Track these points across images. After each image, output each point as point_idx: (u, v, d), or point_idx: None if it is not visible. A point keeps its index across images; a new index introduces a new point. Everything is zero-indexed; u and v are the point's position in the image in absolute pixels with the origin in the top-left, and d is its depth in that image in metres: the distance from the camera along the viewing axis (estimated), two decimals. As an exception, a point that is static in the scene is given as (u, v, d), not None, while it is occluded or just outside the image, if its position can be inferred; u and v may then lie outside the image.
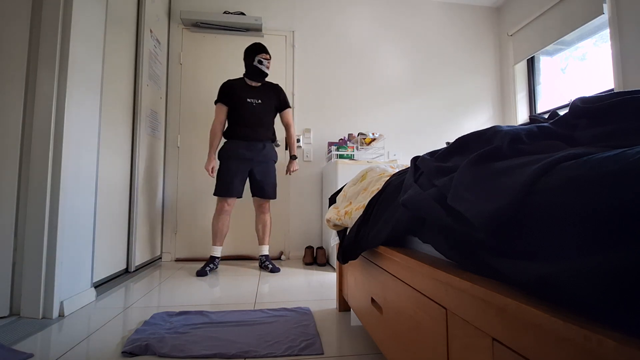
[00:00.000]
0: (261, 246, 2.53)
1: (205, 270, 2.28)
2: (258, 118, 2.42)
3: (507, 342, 0.44)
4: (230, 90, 2.43)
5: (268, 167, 2.46)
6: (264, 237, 2.52)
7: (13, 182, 1.47)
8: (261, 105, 2.44)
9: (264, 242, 2.52)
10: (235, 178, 2.35)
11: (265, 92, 2.48)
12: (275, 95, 2.52)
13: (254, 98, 2.43)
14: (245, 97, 2.41)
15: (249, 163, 2.40)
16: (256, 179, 2.43)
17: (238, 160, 2.37)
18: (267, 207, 2.51)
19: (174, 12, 3.00)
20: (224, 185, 2.35)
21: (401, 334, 0.80)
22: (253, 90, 2.46)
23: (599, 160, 0.36)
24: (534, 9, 3.04)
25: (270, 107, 2.49)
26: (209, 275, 2.29)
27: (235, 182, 2.36)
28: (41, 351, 1.14)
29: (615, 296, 0.30)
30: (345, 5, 3.27)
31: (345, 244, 1.10)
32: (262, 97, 2.46)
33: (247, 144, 2.40)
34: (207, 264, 2.34)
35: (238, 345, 1.16)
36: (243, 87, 2.45)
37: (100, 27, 1.83)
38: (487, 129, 0.67)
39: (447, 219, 0.56)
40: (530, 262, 0.40)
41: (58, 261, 1.47)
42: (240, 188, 2.39)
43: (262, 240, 2.52)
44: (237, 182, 2.37)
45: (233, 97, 2.42)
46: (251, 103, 2.41)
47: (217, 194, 2.36)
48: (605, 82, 2.52)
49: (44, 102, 1.50)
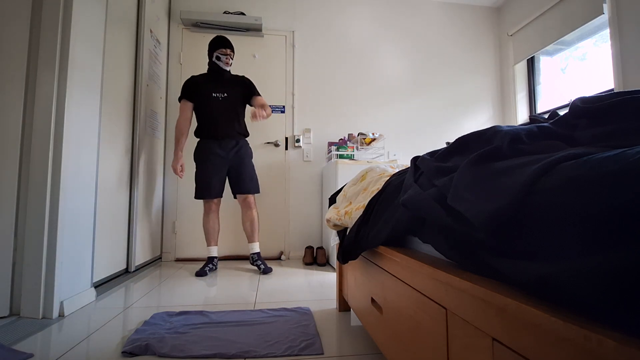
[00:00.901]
0: (251, 244, 2.45)
1: (205, 271, 2.26)
2: (226, 113, 2.36)
3: (507, 342, 0.44)
4: (193, 86, 2.37)
5: (245, 162, 2.40)
6: (253, 234, 2.43)
7: (13, 182, 1.47)
8: (227, 99, 2.36)
9: (253, 239, 2.43)
10: (212, 179, 2.31)
11: (230, 84, 2.41)
12: (240, 87, 2.44)
13: (219, 92, 2.36)
14: (210, 92, 2.34)
15: (225, 161, 2.35)
16: (234, 177, 2.39)
17: (213, 160, 2.32)
18: (252, 201, 2.42)
19: (174, 12, 3.00)
20: (202, 188, 2.32)
21: (401, 334, 0.80)
22: (217, 84, 2.38)
23: (599, 160, 0.36)
24: (534, 9, 3.04)
25: (237, 99, 2.42)
26: (209, 275, 2.29)
27: (214, 183, 2.32)
28: (41, 351, 1.14)
29: (615, 296, 0.30)
30: (345, 5, 3.27)
31: (345, 244, 1.10)
32: (227, 90, 2.38)
33: (219, 142, 2.34)
34: (206, 265, 2.33)
35: (238, 345, 1.16)
36: (207, 82, 2.38)
37: (100, 27, 1.83)
38: (487, 129, 0.67)
39: (447, 219, 0.56)
40: (530, 262, 0.40)
41: (58, 261, 1.47)
42: (219, 188, 2.35)
43: (250, 238, 2.44)
44: (216, 182, 2.32)
45: (197, 93, 2.36)
46: (217, 98, 2.35)
47: (198, 197, 2.34)
48: (605, 82, 2.52)
49: (44, 102, 1.50)
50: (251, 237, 2.44)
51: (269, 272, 2.32)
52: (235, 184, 2.39)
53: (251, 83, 2.50)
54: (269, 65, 3.08)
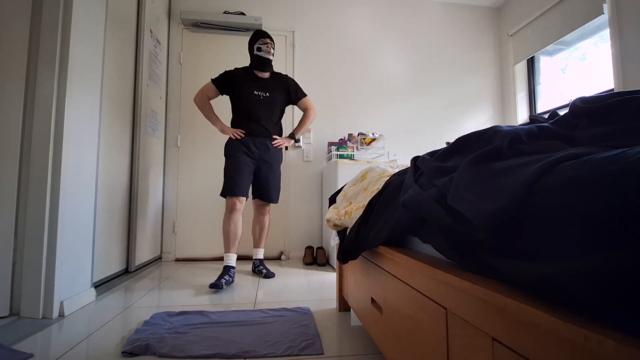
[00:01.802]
0: (256, 249, 2.37)
1: (221, 282, 1.91)
2: (266, 113, 2.24)
3: (507, 342, 0.44)
4: (233, 79, 2.26)
5: (274, 169, 2.29)
6: (260, 240, 2.37)
7: (13, 182, 1.47)
8: (269, 99, 2.26)
9: (259, 245, 2.37)
10: (244, 175, 2.14)
11: (273, 84, 2.30)
12: (284, 88, 2.34)
13: (262, 91, 2.24)
14: (252, 90, 2.22)
15: (256, 161, 2.22)
16: (261, 180, 2.26)
17: (245, 157, 2.17)
18: (268, 210, 2.37)
19: (174, 12, 3.00)
20: (232, 183, 2.12)
21: (401, 334, 0.80)
22: (261, 82, 2.27)
23: (599, 160, 0.36)
24: (534, 9, 3.04)
25: (279, 101, 2.32)
26: (207, 279, 2.28)
27: (245, 180, 2.15)
28: (41, 351, 1.14)
29: (615, 296, 0.30)
30: (345, 5, 3.27)
31: (345, 244, 1.10)
32: (271, 90, 2.27)
33: (253, 139, 2.21)
34: (222, 276, 1.99)
35: (238, 345, 1.16)
36: (250, 78, 2.27)
37: (100, 27, 1.83)
38: (487, 129, 0.67)
39: (447, 219, 0.56)
40: (530, 262, 0.40)
41: (58, 261, 1.47)
42: (248, 186, 2.19)
43: (257, 243, 2.37)
44: (246, 180, 2.16)
45: (236, 87, 2.25)
46: (258, 96, 2.23)
47: (225, 194, 2.13)
48: (605, 82, 2.52)
49: (44, 102, 1.50)
50: (258, 242, 2.37)
51: (271, 277, 2.22)
52: (259, 189, 2.28)
53: (296, 84, 2.41)
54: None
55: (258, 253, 2.36)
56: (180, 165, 2.93)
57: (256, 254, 2.36)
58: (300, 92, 2.40)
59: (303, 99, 2.40)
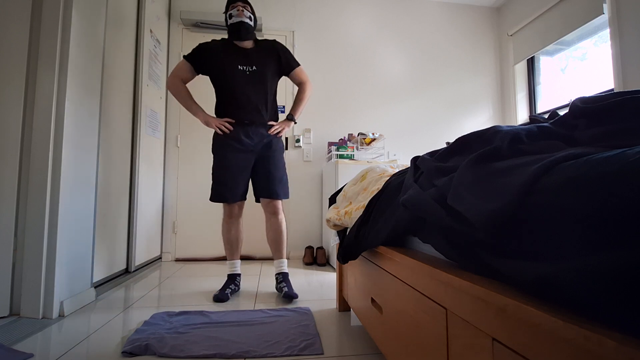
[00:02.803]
0: (277, 261, 1.90)
1: (226, 294, 1.73)
2: (255, 92, 1.81)
3: (507, 342, 0.44)
4: (210, 53, 1.82)
5: (275, 159, 1.87)
6: (280, 248, 1.89)
7: (13, 182, 1.47)
8: (257, 74, 1.81)
9: (280, 254, 1.90)
10: (235, 176, 1.79)
11: (259, 54, 1.85)
12: (272, 57, 1.88)
13: (246, 64, 1.80)
14: (234, 64, 1.79)
15: (252, 155, 1.83)
16: (261, 175, 1.85)
17: (237, 152, 1.79)
18: (279, 207, 1.91)
19: (174, 12, 3.00)
20: (221, 188, 1.79)
21: (401, 334, 0.80)
22: (243, 53, 1.82)
23: (598, 160, 0.36)
24: (534, 9, 3.04)
25: (269, 74, 1.85)
26: (207, 279, 2.28)
27: (237, 181, 1.80)
28: (41, 351, 1.14)
29: (615, 296, 0.30)
30: (345, 5, 3.27)
31: (345, 244, 1.10)
32: (257, 61, 1.82)
33: (245, 129, 1.79)
34: (227, 286, 1.80)
35: (238, 345, 1.16)
36: (230, 50, 1.82)
37: (100, 27, 1.83)
38: (487, 129, 0.67)
39: (447, 219, 0.56)
40: (530, 262, 0.40)
41: (58, 261, 1.47)
42: (243, 188, 1.84)
43: (276, 252, 1.90)
44: (239, 181, 1.81)
45: (216, 63, 1.81)
46: (243, 71, 1.79)
47: (214, 199, 1.82)
48: (605, 82, 2.52)
49: (44, 102, 1.50)
50: (277, 251, 1.90)
51: (294, 298, 1.71)
52: (261, 186, 1.86)
53: (286, 51, 1.94)
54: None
55: (281, 266, 1.89)
56: (180, 165, 2.93)
57: (278, 267, 1.89)
58: (292, 61, 1.94)
59: (296, 69, 1.94)
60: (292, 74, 1.95)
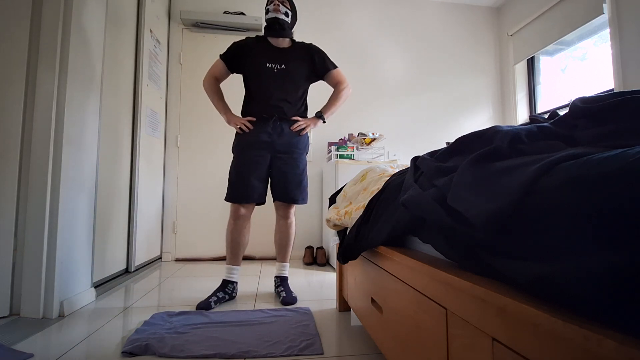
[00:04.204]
0: (280, 264, 1.87)
1: (209, 302, 1.59)
2: (280, 89, 1.77)
3: (507, 342, 0.44)
4: (244, 51, 1.82)
5: (293, 159, 1.79)
6: (285, 252, 1.86)
7: (13, 182, 1.47)
8: (285, 72, 1.78)
9: (283, 258, 1.86)
10: (251, 176, 1.71)
11: (293, 54, 1.83)
12: (306, 58, 1.85)
13: (276, 62, 1.77)
14: (264, 62, 1.77)
15: (268, 151, 1.75)
16: (277, 175, 1.77)
17: (255, 151, 1.74)
18: (293, 211, 1.86)
19: (174, 12, 3.00)
20: (236, 187, 1.72)
21: (401, 334, 0.80)
22: (276, 52, 1.81)
23: (598, 160, 0.36)
24: (534, 9, 3.04)
25: (299, 74, 1.82)
26: (207, 279, 2.28)
27: (253, 181, 1.72)
28: (41, 351, 1.14)
29: (615, 296, 0.30)
30: (346, 5, 3.27)
31: (345, 244, 1.10)
32: (288, 61, 1.79)
33: (265, 124, 1.75)
34: (215, 293, 1.67)
35: (238, 345, 1.16)
36: (262, 48, 1.82)
37: (100, 27, 1.83)
38: (487, 129, 0.67)
39: (447, 219, 0.56)
40: (530, 262, 0.40)
41: (58, 261, 1.47)
42: (260, 188, 1.75)
43: (281, 256, 1.87)
44: (255, 181, 1.72)
45: (246, 59, 1.81)
46: (272, 69, 1.77)
47: (229, 199, 1.74)
48: (605, 82, 2.52)
49: (44, 102, 1.50)
50: (281, 254, 1.87)
51: (293, 302, 1.66)
52: (278, 187, 1.78)
53: (322, 53, 1.92)
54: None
55: (282, 270, 1.86)
56: (180, 165, 2.93)
57: (279, 270, 1.87)
58: (329, 63, 1.92)
59: (332, 70, 1.91)
60: (328, 76, 1.93)
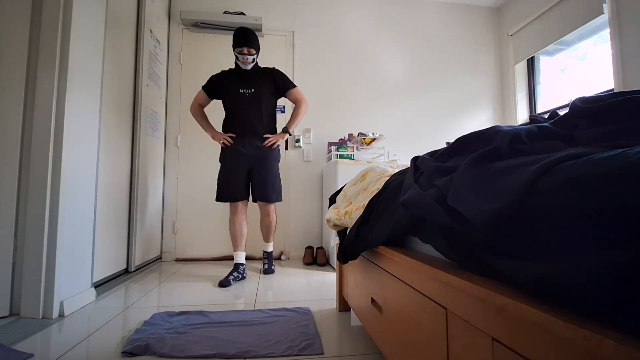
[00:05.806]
0: (266, 243, 2.45)
1: (228, 280, 2.04)
2: (253, 110, 2.21)
3: (507, 342, 0.44)
4: (220, 81, 2.27)
5: (267, 168, 2.24)
6: (268, 235, 2.41)
7: (13, 182, 1.47)
8: (255, 95, 2.21)
9: (268, 239, 2.42)
10: (233, 180, 2.20)
11: (257, 78, 2.24)
12: (269, 80, 2.27)
13: (246, 88, 2.21)
14: (237, 88, 2.21)
15: (247, 162, 2.21)
16: (255, 181, 2.25)
17: (235, 160, 2.20)
18: (272, 209, 2.33)
19: (174, 12, 3.00)
20: (221, 190, 2.22)
21: (401, 334, 0.80)
22: (245, 77, 2.23)
23: (598, 160, 0.36)
24: (534, 9, 3.04)
25: (266, 95, 2.25)
26: (207, 279, 2.28)
27: (235, 185, 2.20)
28: (41, 351, 1.14)
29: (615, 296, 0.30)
30: (345, 5, 3.27)
31: (345, 244, 1.10)
32: (255, 84, 2.22)
33: (242, 141, 2.20)
34: (231, 273, 2.13)
35: (238, 345, 1.16)
36: (235, 77, 2.24)
37: (100, 27, 1.83)
38: (487, 129, 0.67)
39: (447, 219, 0.56)
40: (530, 262, 0.40)
41: (58, 261, 1.47)
42: (242, 189, 2.23)
43: (266, 238, 2.43)
44: (238, 184, 2.20)
45: (222, 87, 2.26)
46: (244, 94, 2.20)
47: (218, 199, 2.24)
48: (605, 82, 2.52)
49: (44, 102, 1.50)
50: (266, 237, 2.42)
51: (270, 273, 2.31)
52: (256, 189, 2.26)
53: (283, 76, 2.32)
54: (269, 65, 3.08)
55: (267, 246, 2.44)
56: (180, 165, 2.93)
57: (265, 247, 2.45)
58: (288, 83, 2.32)
59: (292, 89, 2.32)
60: (288, 94, 2.34)
